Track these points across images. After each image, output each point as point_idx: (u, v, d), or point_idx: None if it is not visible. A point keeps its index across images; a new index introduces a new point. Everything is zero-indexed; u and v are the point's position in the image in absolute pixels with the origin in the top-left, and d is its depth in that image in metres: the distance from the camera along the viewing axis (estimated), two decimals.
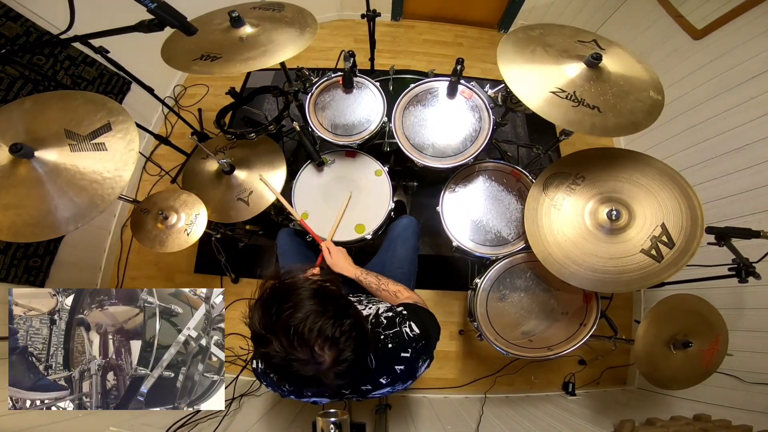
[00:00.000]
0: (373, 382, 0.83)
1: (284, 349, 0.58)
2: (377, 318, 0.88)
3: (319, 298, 0.62)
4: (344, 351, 0.60)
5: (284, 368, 0.60)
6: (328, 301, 0.63)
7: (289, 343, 0.58)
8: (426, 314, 0.92)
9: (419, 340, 0.83)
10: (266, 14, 1.29)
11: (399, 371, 0.82)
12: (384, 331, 0.84)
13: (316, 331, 0.58)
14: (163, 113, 2.28)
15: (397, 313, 0.88)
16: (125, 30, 0.94)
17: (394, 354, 0.82)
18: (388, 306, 0.94)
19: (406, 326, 0.84)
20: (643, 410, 1.60)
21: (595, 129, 1.06)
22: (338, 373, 0.61)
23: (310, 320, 0.59)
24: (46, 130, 0.98)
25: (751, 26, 1.57)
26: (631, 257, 1.13)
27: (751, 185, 1.53)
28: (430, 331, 0.88)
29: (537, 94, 1.11)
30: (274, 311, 0.60)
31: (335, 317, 0.61)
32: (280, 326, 0.59)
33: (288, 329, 0.58)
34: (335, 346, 0.59)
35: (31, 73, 1.49)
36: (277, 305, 0.60)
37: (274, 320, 0.59)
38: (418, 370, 0.84)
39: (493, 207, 1.48)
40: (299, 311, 0.59)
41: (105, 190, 0.95)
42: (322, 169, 1.50)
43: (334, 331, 0.59)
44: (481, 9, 2.66)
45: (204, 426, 1.23)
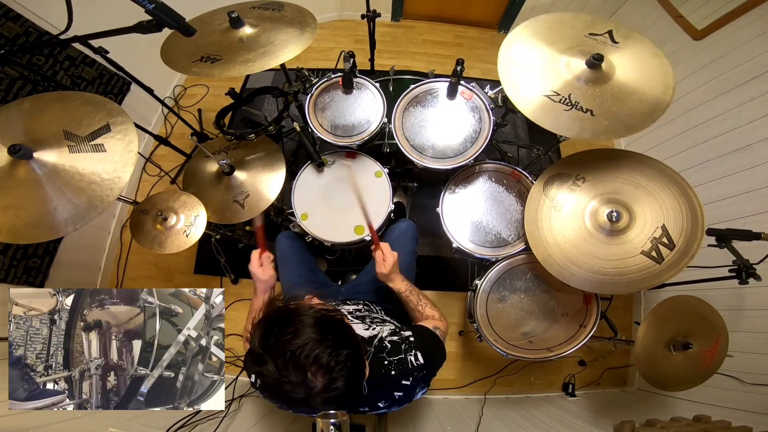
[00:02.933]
0: (371, 405, 0.84)
1: (278, 371, 0.60)
2: (381, 342, 0.87)
3: (320, 327, 0.63)
4: (337, 380, 0.61)
5: (275, 388, 0.62)
6: (329, 330, 0.64)
7: (284, 366, 0.59)
8: (434, 343, 0.91)
9: (422, 369, 0.83)
10: (266, 14, 1.29)
11: (397, 397, 0.82)
12: (388, 357, 0.83)
13: (312, 358, 0.60)
14: (162, 114, 2.28)
15: (403, 339, 0.87)
16: (124, 31, 0.94)
17: (396, 381, 0.82)
18: (393, 329, 0.93)
19: (411, 355, 0.83)
20: (643, 411, 1.60)
21: (584, 132, 1.07)
22: (327, 399, 0.62)
23: (308, 347, 0.60)
24: (45, 131, 0.98)
25: (751, 27, 1.57)
26: (632, 259, 1.12)
27: (752, 186, 1.52)
28: (435, 362, 0.87)
29: (531, 99, 1.12)
30: (275, 333, 0.62)
31: (333, 347, 0.62)
32: (278, 349, 0.60)
33: (285, 353, 0.59)
34: (328, 374, 0.61)
35: (30, 74, 1.49)
36: (278, 328, 0.62)
37: (273, 342, 0.61)
38: (414, 396, 0.84)
39: (493, 208, 1.48)
40: (298, 337, 0.61)
41: (104, 192, 0.94)
42: (322, 170, 1.50)
43: (329, 360, 0.61)
44: (482, 9, 2.66)
45: (204, 426, 1.23)
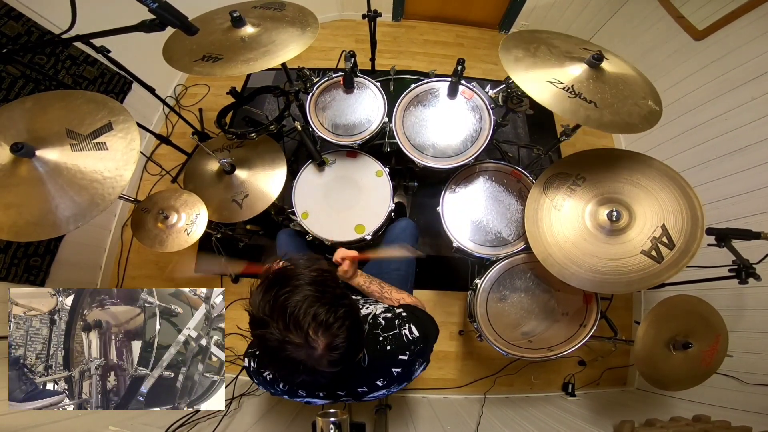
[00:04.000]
0: (370, 385, 0.83)
1: (280, 332, 0.60)
2: (375, 319, 0.87)
3: (317, 286, 0.64)
4: (337, 337, 0.61)
5: (278, 351, 0.61)
6: (326, 288, 0.65)
7: (285, 326, 0.60)
8: (425, 317, 0.92)
9: (418, 343, 0.83)
10: (267, 13, 1.29)
11: (395, 374, 0.82)
12: (383, 332, 0.84)
13: (310, 315, 0.60)
14: (164, 113, 2.28)
15: (396, 314, 0.88)
16: (127, 30, 0.94)
17: (392, 356, 0.82)
18: (386, 307, 0.94)
19: (405, 329, 0.84)
20: (642, 411, 1.60)
21: (589, 121, 1.07)
22: (331, 360, 0.62)
23: (306, 304, 0.61)
24: (47, 130, 0.98)
25: (752, 27, 1.57)
26: (632, 258, 1.13)
27: (752, 186, 1.53)
28: (430, 334, 0.88)
29: (534, 81, 1.12)
30: (273, 294, 0.62)
31: (330, 304, 0.63)
32: (278, 309, 0.61)
33: (284, 312, 0.60)
34: (328, 331, 0.61)
35: (32, 73, 1.50)
36: (276, 289, 0.63)
37: (272, 303, 0.61)
38: (414, 373, 0.84)
39: (494, 207, 1.48)
40: (296, 295, 0.61)
41: (105, 190, 0.95)
42: (323, 169, 1.50)
43: (328, 317, 0.61)
44: (482, 10, 2.66)
45: (203, 426, 1.23)
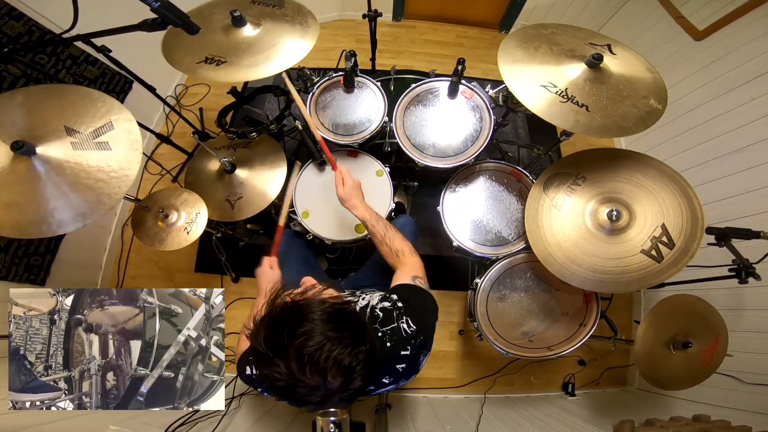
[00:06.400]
0: (376, 383, 0.80)
1: (292, 374, 0.55)
2: (373, 312, 0.82)
3: (335, 323, 0.59)
4: (355, 380, 0.58)
5: (287, 390, 0.57)
6: (345, 325, 0.60)
7: (300, 370, 0.55)
8: (420, 301, 0.85)
9: (417, 336, 0.79)
10: (267, 10, 1.29)
11: (401, 369, 0.79)
12: (381, 327, 0.79)
13: (332, 360, 0.55)
14: (164, 112, 2.28)
15: (393, 304, 0.82)
16: (128, 29, 0.94)
17: (394, 353, 0.78)
18: (382, 295, 0.87)
19: (403, 322, 0.79)
20: (642, 411, 1.60)
21: (578, 126, 1.07)
22: (343, 398, 0.59)
23: (327, 348, 0.55)
24: (44, 127, 0.98)
25: (752, 27, 1.58)
26: (632, 258, 1.13)
27: (752, 186, 1.53)
28: (429, 321, 0.83)
29: (526, 85, 1.12)
30: (286, 333, 0.56)
31: (352, 344, 0.58)
32: (293, 351, 0.55)
33: (301, 356, 0.55)
34: (349, 375, 0.57)
35: (33, 72, 1.50)
36: (289, 328, 0.57)
37: (286, 343, 0.56)
38: (420, 365, 0.81)
39: (494, 207, 1.48)
40: (314, 338, 0.56)
41: (111, 189, 0.95)
42: (323, 168, 1.51)
43: (350, 361, 0.57)
44: (483, 9, 2.66)
45: (203, 425, 1.23)
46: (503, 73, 1.14)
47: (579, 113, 1.08)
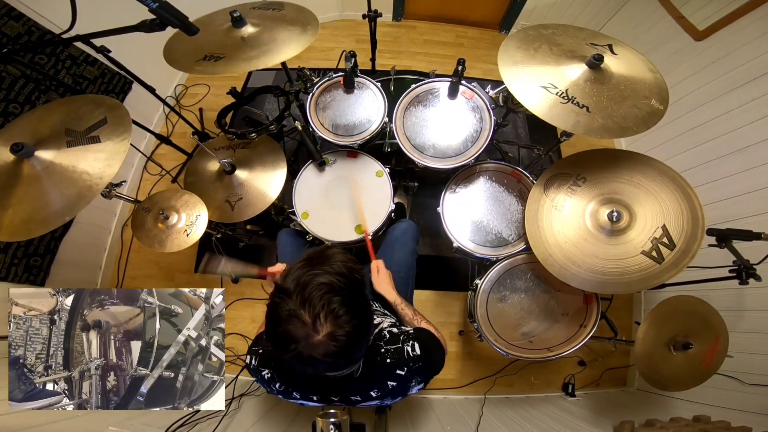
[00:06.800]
0: (363, 394, 0.83)
1: (295, 306, 0.62)
2: (381, 331, 0.88)
3: (343, 279, 0.65)
4: (341, 329, 0.62)
5: (283, 322, 0.63)
6: (350, 285, 0.66)
7: (301, 302, 0.62)
8: (432, 342, 0.90)
9: (417, 361, 0.82)
10: (267, 14, 1.29)
11: (390, 387, 0.82)
12: (385, 345, 0.84)
13: (326, 300, 0.62)
14: (164, 113, 2.28)
15: (402, 331, 0.88)
16: (127, 30, 0.94)
17: (390, 370, 0.81)
18: (394, 322, 0.93)
19: (408, 345, 0.83)
20: (642, 411, 1.60)
21: (578, 127, 1.06)
22: (327, 351, 0.62)
23: (326, 289, 0.63)
24: (48, 130, 0.99)
25: (753, 27, 1.57)
26: (632, 259, 1.12)
27: (753, 187, 1.52)
28: (434, 357, 0.86)
29: (527, 87, 1.12)
30: (306, 271, 0.65)
31: (348, 298, 0.64)
32: (301, 284, 0.63)
33: (305, 288, 0.62)
34: (336, 321, 0.62)
35: (32, 73, 1.50)
36: (309, 267, 0.65)
37: (300, 278, 0.64)
38: (409, 390, 0.83)
39: (494, 208, 1.48)
40: (321, 278, 0.64)
41: (93, 180, 0.95)
42: (323, 169, 1.50)
43: (340, 308, 0.62)
44: (483, 10, 2.66)
45: (203, 426, 1.23)
46: (503, 76, 1.14)
47: (579, 114, 1.07)
